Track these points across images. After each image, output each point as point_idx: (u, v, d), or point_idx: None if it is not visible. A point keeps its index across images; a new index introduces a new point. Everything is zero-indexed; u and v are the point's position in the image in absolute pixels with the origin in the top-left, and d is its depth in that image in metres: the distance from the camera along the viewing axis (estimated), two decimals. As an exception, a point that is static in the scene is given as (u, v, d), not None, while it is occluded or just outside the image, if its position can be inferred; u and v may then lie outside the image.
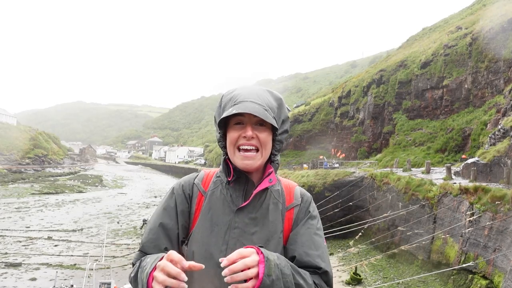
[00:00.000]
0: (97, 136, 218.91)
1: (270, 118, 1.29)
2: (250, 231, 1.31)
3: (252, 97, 1.33)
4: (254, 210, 1.34)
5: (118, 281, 14.84)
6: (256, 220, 1.33)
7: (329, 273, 1.30)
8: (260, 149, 1.33)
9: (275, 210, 1.37)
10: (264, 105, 1.32)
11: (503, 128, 19.03)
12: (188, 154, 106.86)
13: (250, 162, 1.32)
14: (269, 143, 1.35)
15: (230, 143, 1.34)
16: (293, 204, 1.41)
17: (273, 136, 1.37)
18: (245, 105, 1.29)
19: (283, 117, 1.40)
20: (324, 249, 1.36)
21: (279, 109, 1.39)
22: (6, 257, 19.70)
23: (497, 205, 12.57)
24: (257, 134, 1.32)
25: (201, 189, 1.42)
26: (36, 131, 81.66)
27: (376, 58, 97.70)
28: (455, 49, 32.16)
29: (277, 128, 1.34)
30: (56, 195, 44.78)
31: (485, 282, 12.08)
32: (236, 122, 1.34)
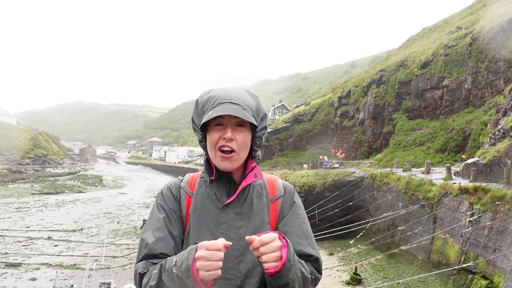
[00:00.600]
0: (97, 136, 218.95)
1: (250, 118, 1.34)
2: (237, 225, 1.37)
3: (230, 97, 1.37)
4: (239, 205, 1.39)
5: (118, 281, 14.84)
6: (242, 214, 1.38)
7: (319, 259, 1.40)
8: (238, 151, 1.37)
9: (259, 203, 1.42)
10: (243, 105, 1.36)
11: (503, 128, 19.03)
12: (188, 154, 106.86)
13: (227, 162, 1.37)
14: (247, 143, 1.40)
15: (211, 144, 1.39)
16: (277, 195, 1.47)
17: (253, 133, 1.42)
18: (225, 107, 1.34)
19: (262, 114, 1.45)
20: (313, 237, 1.45)
21: (257, 107, 1.44)
22: (6, 257, 19.70)
23: (497, 205, 12.57)
24: (235, 136, 1.37)
25: (188, 191, 1.47)
26: (36, 131, 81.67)
27: (376, 58, 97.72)
28: (455, 49, 32.16)
29: (257, 126, 1.40)
30: (56, 195, 44.78)
31: (485, 282, 12.08)
32: (216, 123, 1.38)
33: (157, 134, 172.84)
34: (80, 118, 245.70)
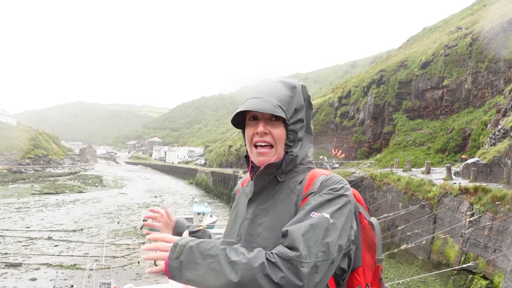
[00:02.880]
0: (97, 136, 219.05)
1: (269, 109, 1.29)
2: (258, 221, 1.32)
3: (256, 92, 1.36)
4: (265, 201, 1.35)
5: (118, 281, 14.84)
6: (265, 211, 1.33)
7: (289, 232, 1.15)
8: (275, 145, 1.33)
9: (286, 200, 1.32)
10: (265, 97, 1.32)
11: (503, 128, 19.03)
12: (188, 154, 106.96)
13: (264, 158, 1.33)
14: (282, 139, 1.34)
15: (247, 140, 1.37)
16: (309, 192, 1.31)
17: (286, 127, 1.35)
18: (247, 103, 1.33)
19: (296, 106, 1.36)
20: (304, 219, 1.19)
21: (292, 98, 1.36)
22: (6, 257, 19.70)
23: (497, 206, 12.57)
24: (270, 130, 1.33)
25: (240, 187, 1.56)
26: (36, 131, 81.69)
27: (376, 58, 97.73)
28: (455, 49, 32.15)
29: (285, 118, 1.32)
30: (56, 195, 44.78)
31: (485, 283, 12.08)
32: (250, 117, 1.37)
33: (157, 134, 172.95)
34: (80, 118, 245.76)
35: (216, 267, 1.07)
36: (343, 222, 1.20)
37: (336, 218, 1.19)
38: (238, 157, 58.05)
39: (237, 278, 1.05)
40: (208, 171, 60.06)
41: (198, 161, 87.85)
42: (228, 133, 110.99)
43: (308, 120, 1.44)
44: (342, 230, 1.19)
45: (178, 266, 1.09)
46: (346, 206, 1.24)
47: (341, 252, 1.17)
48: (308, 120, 1.44)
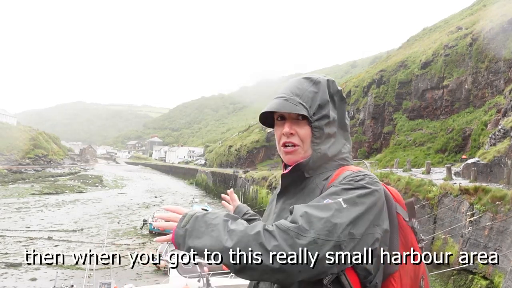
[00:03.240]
0: (97, 136, 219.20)
1: (289, 108, 1.29)
2: (284, 216, 1.28)
3: (280, 91, 1.36)
4: (291, 196, 1.35)
5: (118, 281, 14.83)
6: (291, 205, 1.28)
7: (295, 208, 1.14)
8: (301, 145, 1.32)
9: (311, 195, 1.30)
10: (286, 96, 1.32)
11: (503, 129, 19.02)
12: (188, 154, 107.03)
13: (291, 156, 1.33)
14: (308, 137, 1.33)
15: (276, 140, 1.39)
16: (330, 185, 1.26)
17: (310, 124, 1.32)
18: (271, 103, 1.33)
19: (320, 101, 1.32)
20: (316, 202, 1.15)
21: (316, 94, 1.33)
22: (6, 257, 19.70)
23: (497, 206, 12.57)
24: (296, 130, 1.32)
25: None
26: (36, 131, 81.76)
27: (376, 58, 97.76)
28: (455, 49, 32.15)
29: (307, 115, 1.30)
30: (56, 195, 44.77)
31: (485, 283, 12.08)
32: (278, 117, 1.37)
33: (157, 134, 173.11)
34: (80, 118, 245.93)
35: (215, 234, 1.11)
36: (360, 211, 1.12)
37: (351, 204, 1.12)
38: (238, 157, 58.06)
39: (231, 244, 1.07)
40: (208, 171, 60.07)
41: (198, 161, 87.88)
42: (228, 133, 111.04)
43: (341, 115, 1.39)
44: (357, 219, 1.10)
45: (183, 233, 1.16)
46: (367, 196, 1.15)
47: (352, 241, 1.08)
48: (341, 115, 1.39)
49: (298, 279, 1.06)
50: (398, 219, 1.28)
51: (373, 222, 1.14)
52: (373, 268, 1.17)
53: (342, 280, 1.14)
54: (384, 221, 1.19)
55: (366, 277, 1.17)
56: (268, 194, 31.48)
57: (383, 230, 1.18)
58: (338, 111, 1.37)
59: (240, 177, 41.34)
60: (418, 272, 1.30)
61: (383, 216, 1.19)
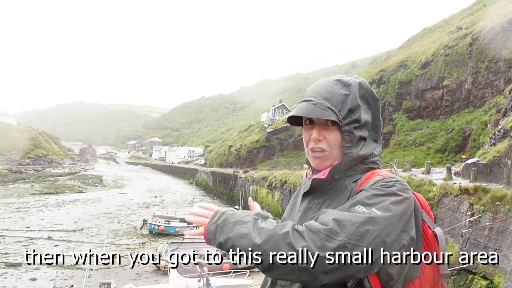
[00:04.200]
0: (97, 136, 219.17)
1: (319, 114, 1.26)
2: (309, 215, 1.31)
3: (308, 94, 1.34)
4: (319, 196, 1.34)
5: (118, 281, 14.84)
6: (318, 205, 1.32)
7: (327, 211, 1.18)
8: (329, 150, 1.31)
9: (340, 197, 1.30)
10: (315, 100, 1.29)
11: (503, 129, 19.02)
12: (188, 154, 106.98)
13: (319, 161, 1.33)
14: (338, 143, 1.30)
15: (304, 142, 1.38)
16: (360, 189, 1.26)
17: (340, 128, 1.30)
18: (299, 107, 1.31)
19: (351, 106, 1.28)
20: (349, 217, 1.12)
21: (346, 97, 1.29)
22: (6, 257, 19.70)
23: (497, 206, 12.56)
24: (325, 136, 1.30)
25: (304, 180, 1.53)
26: (36, 131, 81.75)
27: (376, 58, 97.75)
28: (455, 49, 32.15)
29: (337, 120, 1.27)
30: (56, 195, 44.76)
31: (486, 283, 12.07)
32: (306, 120, 1.35)
33: (157, 134, 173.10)
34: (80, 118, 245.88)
35: (244, 231, 1.13)
36: (393, 219, 1.12)
37: (384, 211, 1.12)
38: (238, 157, 58.03)
39: (260, 241, 1.09)
40: (208, 171, 60.04)
41: (198, 161, 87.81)
42: (228, 133, 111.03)
43: (375, 116, 1.37)
44: (389, 226, 1.11)
45: (214, 229, 1.19)
46: (398, 204, 1.16)
47: (384, 249, 1.08)
48: (375, 116, 1.37)
49: (324, 281, 1.06)
50: (423, 226, 1.29)
51: (402, 229, 1.16)
52: (395, 273, 1.19)
53: (365, 284, 1.16)
54: (412, 228, 1.21)
55: (388, 281, 1.18)
56: (268, 194, 31.47)
57: (410, 237, 1.19)
58: (372, 111, 1.36)
59: (240, 177, 41.31)
60: (437, 280, 1.31)
61: (411, 223, 1.21)
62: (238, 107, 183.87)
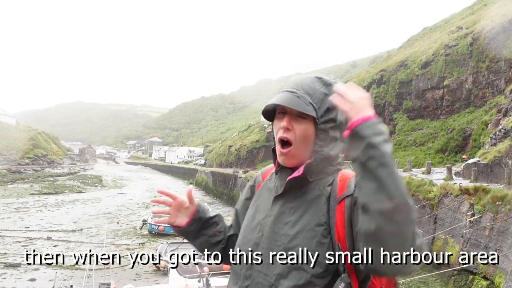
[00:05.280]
0: (97, 136, 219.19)
1: (299, 106, 1.25)
2: (284, 220, 1.29)
3: (290, 85, 1.32)
4: (292, 200, 1.31)
5: (118, 282, 14.79)
6: (292, 209, 1.29)
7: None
8: (296, 144, 1.29)
9: (315, 202, 1.28)
10: (298, 92, 1.29)
11: (504, 128, 19.00)
12: (188, 154, 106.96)
13: (286, 159, 1.32)
14: (309, 137, 1.29)
15: (275, 134, 1.35)
16: (344, 194, 1.25)
17: (316, 126, 1.30)
18: (278, 96, 1.30)
19: (330, 104, 1.27)
20: None
21: (326, 96, 1.29)
22: (5, 257, 19.66)
23: (497, 206, 12.54)
24: (294, 126, 1.29)
25: (260, 180, 1.52)
26: (36, 131, 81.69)
27: (376, 58, 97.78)
28: (455, 49, 32.14)
29: (315, 116, 1.27)
30: (55, 195, 44.71)
31: (486, 283, 12.05)
32: (279, 111, 1.34)
33: (157, 134, 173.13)
34: (79, 118, 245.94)
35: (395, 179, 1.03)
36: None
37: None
38: (238, 157, 58.03)
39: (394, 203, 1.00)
40: (208, 171, 60.04)
41: (198, 161, 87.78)
42: (228, 133, 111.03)
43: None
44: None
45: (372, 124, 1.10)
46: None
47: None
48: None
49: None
50: None
51: None
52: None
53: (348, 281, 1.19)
54: None
55: (365, 281, 1.22)
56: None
57: None
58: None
59: (240, 177, 41.27)
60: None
61: None
62: (238, 107, 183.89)
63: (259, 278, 1.26)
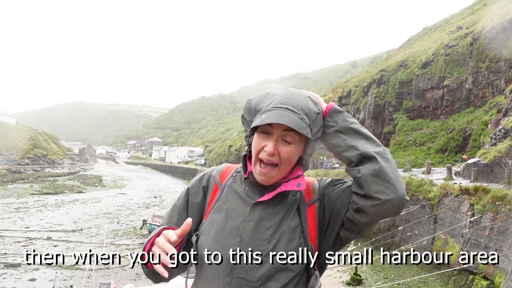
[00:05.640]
0: (97, 136, 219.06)
1: (304, 129, 1.24)
2: (265, 225, 1.30)
3: (288, 102, 1.28)
4: (271, 205, 1.33)
5: (118, 282, 14.80)
6: (273, 215, 1.31)
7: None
8: (279, 166, 1.29)
9: (292, 206, 1.34)
10: (300, 114, 1.27)
11: (504, 128, 19.01)
12: (188, 154, 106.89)
13: (266, 178, 1.31)
14: (292, 159, 1.31)
15: (254, 151, 1.31)
16: (313, 199, 1.36)
17: (305, 143, 1.32)
18: (280, 113, 1.24)
19: (319, 125, 1.32)
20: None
21: (317, 115, 1.31)
22: (5, 257, 19.67)
23: (497, 206, 12.53)
24: (279, 150, 1.28)
25: (217, 181, 1.44)
26: (36, 131, 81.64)
27: (376, 58, 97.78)
28: (455, 49, 32.13)
29: (310, 138, 1.29)
30: (55, 195, 44.73)
31: (486, 283, 12.05)
32: (263, 130, 1.29)
33: (157, 134, 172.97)
34: (79, 118, 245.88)
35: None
36: None
37: None
38: (238, 157, 58.09)
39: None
40: (208, 171, 60.02)
41: (198, 161, 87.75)
42: (228, 133, 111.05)
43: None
44: None
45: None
46: None
47: None
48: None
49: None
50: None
51: None
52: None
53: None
54: None
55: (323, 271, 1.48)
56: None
57: None
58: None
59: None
60: None
61: None
62: (238, 107, 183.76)
63: (240, 284, 1.25)
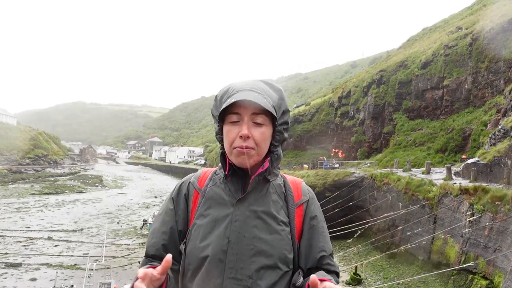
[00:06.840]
0: (97, 136, 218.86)
1: (269, 107, 1.28)
2: (251, 223, 1.30)
3: (250, 86, 1.33)
4: (255, 203, 1.33)
5: (118, 281, 14.83)
6: (257, 213, 1.32)
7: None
8: (256, 148, 1.31)
9: (276, 203, 1.36)
10: (264, 94, 1.31)
11: (503, 129, 19.02)
12: (188, 154, 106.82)
13: (246, 158, 1.29)
14: (266, 139, 1.33)
15: (227, 142, 1.32)
16: (302, 200, 1.42)
17: (273, 127, 1.35)
18: (245, 93, 1.28)
19: (284, 108, 1.37)
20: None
21: (279, 100, 1.36)
22: (6, 257, 19.69)
23: (497, 206, 12.56)
24: (252, 134, 1.30)
25: (197, 187, 1.41)
26: (36, 131, 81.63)
27: (376, 58, 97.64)
28: (455, 49, 32.15)
29: (276, 118, 1.32)
30: (56, 195, 44.76)
31: (485, 283, 12.07)
32: (232, 120, 1.31)
33: (157, 134, 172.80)
34: (80, 118, 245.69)
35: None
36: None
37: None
38: (238, 157, 58.06)
39: None
40: (208, 171, 59.92)
41: (198, 161, 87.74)
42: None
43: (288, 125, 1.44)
44: None
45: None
46: None
47: None
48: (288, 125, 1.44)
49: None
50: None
51: None
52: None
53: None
54: None
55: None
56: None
57: None
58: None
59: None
60: None
61: None
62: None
63: (231, 284, 1.24)
